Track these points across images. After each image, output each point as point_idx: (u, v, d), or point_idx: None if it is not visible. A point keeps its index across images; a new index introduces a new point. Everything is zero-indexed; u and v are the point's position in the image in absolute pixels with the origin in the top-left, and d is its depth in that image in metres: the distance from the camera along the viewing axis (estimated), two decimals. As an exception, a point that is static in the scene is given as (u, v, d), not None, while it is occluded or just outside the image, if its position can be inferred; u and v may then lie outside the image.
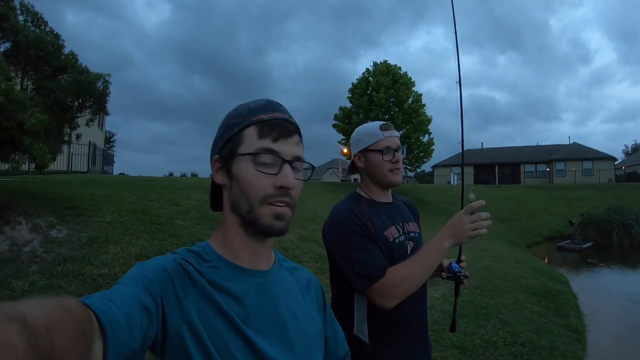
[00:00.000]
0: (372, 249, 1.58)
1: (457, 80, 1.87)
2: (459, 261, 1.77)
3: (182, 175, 37.84)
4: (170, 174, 37.03)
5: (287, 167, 0.88)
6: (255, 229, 0.89)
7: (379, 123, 1.79)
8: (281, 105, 0.96)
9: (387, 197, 1.81)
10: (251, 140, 0.89)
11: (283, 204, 0.88)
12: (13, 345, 0.40)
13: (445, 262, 1.76)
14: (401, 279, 1.51)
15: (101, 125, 26.31)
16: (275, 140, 0.88)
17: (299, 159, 0.91)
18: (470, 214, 1.52)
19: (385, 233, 1.66)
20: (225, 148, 0.92)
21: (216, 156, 0.94)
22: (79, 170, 19.05)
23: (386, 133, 1.75)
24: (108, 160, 26.30)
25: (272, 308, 0.91)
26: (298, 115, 0.96)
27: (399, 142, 1.78)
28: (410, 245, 1.72)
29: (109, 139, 39.84)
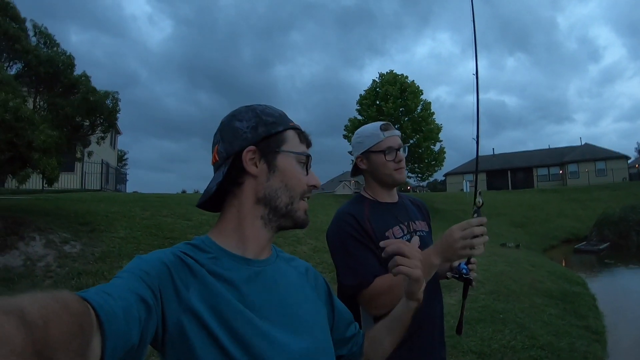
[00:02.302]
0: (364, 256, 1.57)
1: (474, 73, 1.84)
2: (468, 262, 1.67)
3: (195, 192, 38.00)
4: (183, 191, 37.14)
5: (312, 170, 1.03)
6: (289, 221, 0.99)
7: (379, 124, 1.78)
8: None
9: (391, 197, 1.80)
10: (294, 142, 1.00)
11: (307, 200, 1.01)
12: (11, 338, 0.40)
13: (455, 262, 1.71)
14: (385, 289, 1.48)
15: (113, 144, 26.59)
16: (308, 147, 1.04)
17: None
18: (464, 230, 1.38)
19: (387, 234, 1.64)
20: (265, 142, 0.97)
21: (252, 147, 0.96)
22: (92, 188, 19.21)
23: (387, 133, 1.74)
24: (121, 178, 26.54)
25: (273, 294, 0.93)
26: (306, 128, 1.07)
27: (400, 141, 1.76)
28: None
29: (121, 158, 40.16)
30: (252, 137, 0.96)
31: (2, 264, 5.53)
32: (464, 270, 1.67)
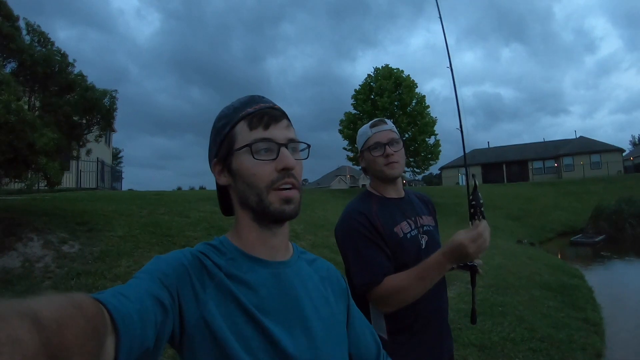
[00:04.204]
0: (374, 255, 1.59)
1: (448, 66, 1.86)
2: None
3: (190, 189, 37.94)
4: (179, 188, 37.05)
5: (283, 149, 0.90)
6: (268, 218, 0.91)
7: (369, 122, 1.83)
8: (264, 97, 0.98)
9: (398, 193, 1.81)
10: (243, 134, 0.91)
11: (289, 186, 0.89)
12: (24, 342, 0.40)
13: None
14: (396, 290, 1.51)
15: (108, 142, 26.46)
16: (266, 127, 0.91)
17: (292, 140, 0.93)
18: (477, 242, 1.43)
19: (395, 229, 1.66)
20: (221, 149, 0.94)
21: (214, 159, 0.96)
22: (87, 187, 19.13)
23: (374, 129, 1.78)
24: (116, 176, 26.42)
25: (290, 298, 0.91)
26: (301, 123, 1.05)
27: (391, 136, 1.76)
28: (424, 239, 1.72)
29: (116, 156, 39.97)
30: (215, 149, 0.97)
31: (0, 266, 5.50)
32: None
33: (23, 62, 7.07)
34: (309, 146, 0.99)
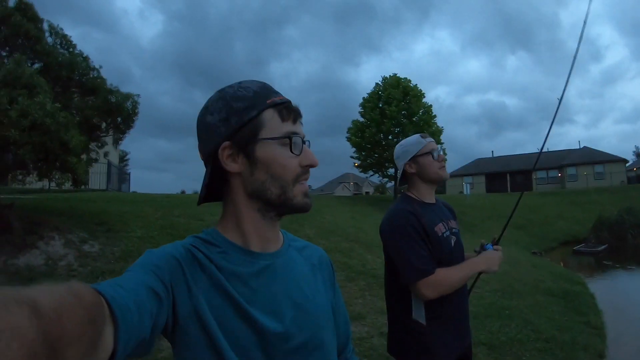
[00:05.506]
0: (425, 248, 1.85)
1: (559, 97, 2.14)
2: (495, 243, 2.10)
3: (194, 193, 38.05)
4: (182, 192, 37.18)
5: (306, 147, 0.92)
6: (288, 209, 0.92)
7: (417, 135, 2.13)
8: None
9: (432, 199, 2.08)
10: (274, 123, 0.89)
11: (306, 182, 0.93)
12: (22, 329, 0.39)
13: (483, 242, 2.09)
14: (445, 279, 1.81)
15: (116, 144, 26.60)
16: (294, 122, 0.91)
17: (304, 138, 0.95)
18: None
19: (435, 228, 1.92)
20: (241, 133, 0.88)
21: (226, 142, 0.88)
22: (97, 188, 19.27)
23: (428, 139, 2.08)
24: (123, 178, 26.54)
25: (281, 289, 0.92)
26: (305, 129, 0.99)
27: (437, 145, 2.08)
28: (453, 240, 1.99)
29: (122, 158, 40.13)
30: (225, 130, 0.88)
31: (24, 263, 5.62)
32: (490, 250, 2.05)
33: (48, 65, 7.23)
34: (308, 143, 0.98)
